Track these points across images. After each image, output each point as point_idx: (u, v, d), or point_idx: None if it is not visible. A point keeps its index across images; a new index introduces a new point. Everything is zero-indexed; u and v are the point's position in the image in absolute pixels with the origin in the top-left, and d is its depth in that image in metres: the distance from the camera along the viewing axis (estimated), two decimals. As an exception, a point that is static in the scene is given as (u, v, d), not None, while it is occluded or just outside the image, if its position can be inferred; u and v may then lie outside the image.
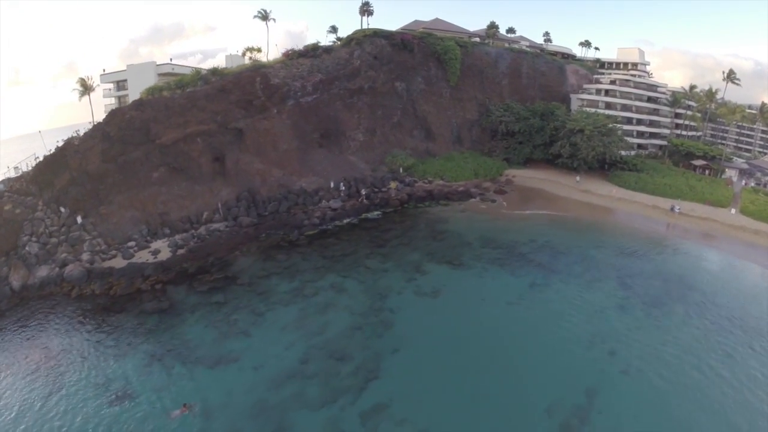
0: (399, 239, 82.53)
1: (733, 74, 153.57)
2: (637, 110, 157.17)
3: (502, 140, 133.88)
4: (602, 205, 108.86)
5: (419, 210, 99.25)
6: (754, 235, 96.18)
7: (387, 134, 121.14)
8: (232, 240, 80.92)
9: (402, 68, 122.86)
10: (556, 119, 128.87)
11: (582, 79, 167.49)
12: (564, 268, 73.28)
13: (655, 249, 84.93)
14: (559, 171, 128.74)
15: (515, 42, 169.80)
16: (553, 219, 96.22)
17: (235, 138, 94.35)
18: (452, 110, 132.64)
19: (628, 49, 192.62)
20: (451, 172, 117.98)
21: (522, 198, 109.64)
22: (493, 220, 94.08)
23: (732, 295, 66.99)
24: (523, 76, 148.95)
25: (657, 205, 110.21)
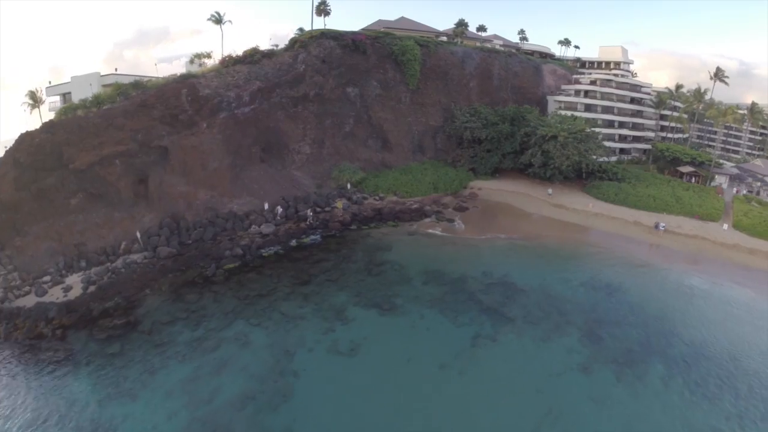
0: (328, 274, 69.88)
1: (721, 72, 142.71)
2: (619, 112, 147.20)
3: (468, 148, 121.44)
4: (576, 223, 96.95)
5: (362, 233, 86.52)
6: (749, 255, 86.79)
7: (338, 145, 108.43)
8: (146, 275, 69.54)
9: (354, 72, 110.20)
10: (527, 124, 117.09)
11: (560, 80, 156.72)
12: (519, 313, 60.89)
13: (634, 280, 73.04)
14: (531, 182, 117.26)
15: (487, 41, 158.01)
16: (516, 243, 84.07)
17: (159, 158, 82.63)
18: (412, 116, 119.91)
19: (610, 48, 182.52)
20: (406, 186, 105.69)
21: (484, 216, 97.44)
22: (445, 246, 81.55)
23: (723, 343, 57.32)
24: (494, 77, 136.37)
25: (640, 221, 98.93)
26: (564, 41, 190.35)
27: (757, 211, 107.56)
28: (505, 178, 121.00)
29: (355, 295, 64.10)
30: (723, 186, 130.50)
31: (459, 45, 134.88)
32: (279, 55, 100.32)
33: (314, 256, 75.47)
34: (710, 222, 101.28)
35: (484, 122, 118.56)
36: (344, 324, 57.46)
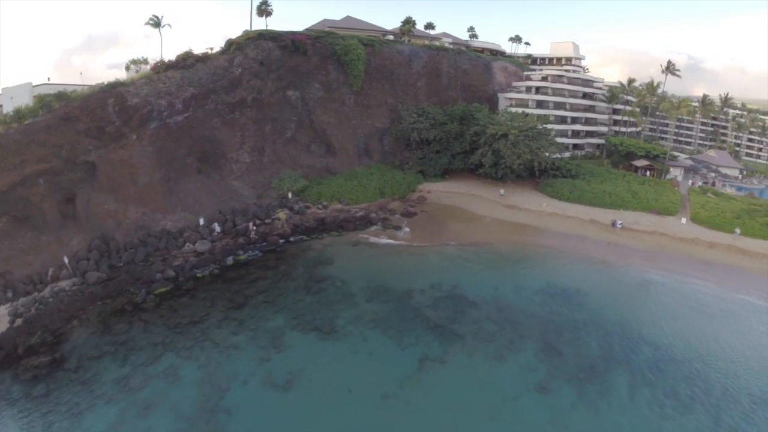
0: (265, 294, 63.41)
1: (672, 65, 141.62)
2: (571, 108, 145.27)
3: (416, 150, 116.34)
4: (530, 225, 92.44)
5: (303, 246, 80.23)
6: (709, 249, 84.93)
7: (279, 152, 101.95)
8: (74, 304, 62.04)
9: (294, 74, 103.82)
10: (477, 123, 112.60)
11: (511, 77, 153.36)
12: (470, 329, 55.60)
13: (592, 283, 69.06)
14: (482, 182, 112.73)
15: (436, 39, 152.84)
16: (466, 250, 78.70)
17: (86, 174, 75.08)
18: (357, 119, 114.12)
19: (561, 44, 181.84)
20: (351, 192, 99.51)
21: (433, 221, 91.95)
22: (390, 256, 75.84)
23: (691, 343, 55.01)
24: (442, 75, 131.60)
25: (596, 219, 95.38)
26: (515, 38, 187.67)
27: (714, 203, 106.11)
28: (456, 180, 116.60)
29: (293, 317, 57.95)
30: (678, 178, 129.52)
31: (406, 44, 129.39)
32: (214, 59, 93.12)
33: (251, 275, 68.93)
34: (668, 216, 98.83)
35: (432, 122, 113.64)
36: (281, 352, 51.51)
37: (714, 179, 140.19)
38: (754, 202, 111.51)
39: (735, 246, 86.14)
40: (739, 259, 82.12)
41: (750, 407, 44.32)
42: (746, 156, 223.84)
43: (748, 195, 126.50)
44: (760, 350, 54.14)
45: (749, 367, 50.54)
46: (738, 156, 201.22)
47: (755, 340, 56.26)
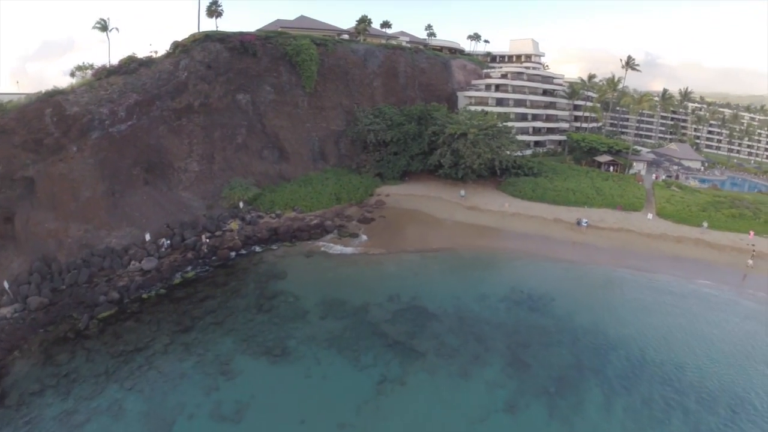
0: (213, 315, 57.93)
1: (632, 60, 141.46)
2: (531, 105, 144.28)
3: (373, 152, 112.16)
4: (492, 226, 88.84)
5: (255, 259, 74.89)
6: (677, 244, 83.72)
7: (229, 159, 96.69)
8: (16, 333, 55.94)
9: (244, 77, 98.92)
10: (435, 123, 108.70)
11: (470, 75, 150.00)
12: (431, 345, 51.34)
13: (559, 287, 65.72)
14: (442, 183, 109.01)
15: (393, 38, 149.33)
16: (427, 256, 74.48)
17: (25, 191, 68.93)
18: (311, 122, 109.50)
19: (521, 41, 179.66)
20: (306, 199, 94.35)
21: (392, 226, 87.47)
22: (346, 266, 71.00)
23: (665, 348, 52.32)
24: (399, 75, 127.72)
25: (560, 218, 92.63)
26: (474, 36, 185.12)
27: (679, 196, 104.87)
28: (415, 182, 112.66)
29: (243, 339, 52.86)
30: (642, 173, 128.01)
31: (361, 43, 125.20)
32: (158, 63, 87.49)
33: (199, 293, 63.26)
34: (634, 212, 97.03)
35: (389, 123, 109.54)
36: (230, 380, 46.64)
37: (677, 172, 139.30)
38: (718, 194, 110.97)
39: (703, 240, 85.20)
40: (708, 252, 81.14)
41: (729, 411, 42.62)
42: (706, 148, 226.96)
43: (711, 187, 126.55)
44: (734, 346, 52.77)
45: (724, 366, 49.12)
46: (699, 148, 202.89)
47: (728, 336, 54.88)
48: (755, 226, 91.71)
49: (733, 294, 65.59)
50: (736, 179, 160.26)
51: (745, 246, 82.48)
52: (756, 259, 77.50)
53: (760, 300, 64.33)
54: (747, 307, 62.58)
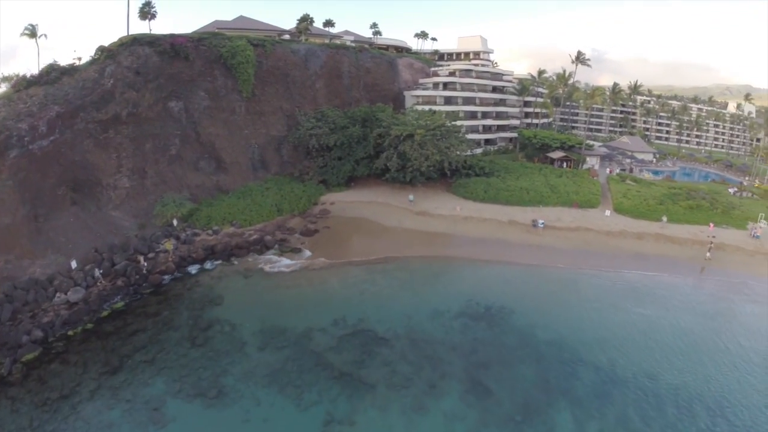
0: (144, 351, 50.82)
1: (582, 55, 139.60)
2: (481, 102, 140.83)
3: (317, 158, 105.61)
4: (444, 232, 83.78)
5: (190, 282, 67.27)
6: (637, 240, 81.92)
7: (163, 173, 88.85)
8: None
9: (176, 82, 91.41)
10: (380, 124, 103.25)
11: (417, 74, 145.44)
12: (382, 375, 45.76)
13: (518, 297, 61.67)
14: (390, 187, 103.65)
15: (337, 37, 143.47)
16: (374, 270, 68.82)
17: None
18: (250, 128, 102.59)
19: (469, 38, 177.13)
20: (244, 213, 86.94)
21: (337, 238, 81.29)
22: (287, 287, 64.29)
23: (635, 357, 49.65)
24: (343, 75, 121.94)
25: (515, 219, 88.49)
26: (421, 34, 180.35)
27: (635, 190, 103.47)
28: (361, 187, 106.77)
29: (176, 380, 46.19)
30: (596, 167, 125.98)
31: (303, 43, 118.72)
32: (82, 71, 79.37)
33: (129, 327, 55.70)
34: (590, 209, 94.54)
35: (332, 127, 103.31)
36: (161, 428, 40.47)
37: (630, 165, 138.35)
38: (673, 186, 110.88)
39: (663, 234, 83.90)
40: (669, 248, 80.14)
41: (708, 423, 40.14)
42: (656, 140, 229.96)
43: (665, 178, 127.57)
44: (704, 350, 51.11)
45: (697, 373, 46.93)
46: (649, 140, 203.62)
47: (698, 339, 53.18)
48: (713, 217, 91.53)
49: (693, 291, 65.33)
50: (688, 169, 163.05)
51: (705, 239, 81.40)
52: (714, 251, 76.98)
53: (720, 296, 64.46)
54: (707, 305, 62.11)
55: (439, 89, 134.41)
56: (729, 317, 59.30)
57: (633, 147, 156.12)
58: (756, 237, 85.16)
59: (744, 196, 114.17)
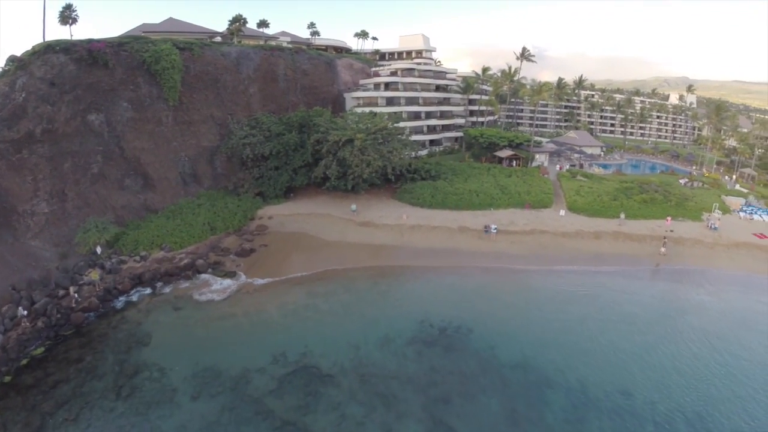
0: (66, 408, 42.60)
1: (527, 52, 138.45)
2: (425, 102, 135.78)
3: (252, 169, 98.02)
4: (390, 244, 77.59)
5: (115, 319, 58.45)
6: (596, 240, 79.23)
7: (85, 194, 79.73)
8: None
9: (96, 93, 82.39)
10: (318, 130, 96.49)
11: (358, 74, 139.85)
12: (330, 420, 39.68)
13: (474, 313, 56.60)
14: (331, 197, 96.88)
15: (273, 38, 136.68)
16: (315, 293, 62.08)
17: None
18: (179, 140, 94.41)
19: (410, 37, 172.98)
20: (174, 234, 79.07)
21: (276, 258, 73.75)
22: (222, 318, 56.90)
23: (606, 373, 46.19)
24: (279, 78, 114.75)
25: (466, 225, 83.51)
26: (361, 33, 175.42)
27: (588, 186, 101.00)
28: (301, 198, 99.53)
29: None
30: (545, 164, 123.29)
31: (235, 45, 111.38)
32: None
33: (50, 377, 47.36)
34: (544, 209, 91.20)
35: (267, 134, 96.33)
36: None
37: (580, 160, 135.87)
38: (624, 179, 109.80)
39: (622, 232, 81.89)
40: (629, 246, 78.41)
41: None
42: (601, 133, 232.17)
43: (615, 172, 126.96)
44: (675, 356, 48.82)
45: (672, 383, 44.35)
46: (594, 134, 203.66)
47: (667, 345, 50.91)
48: (669, 210, 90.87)
49: (655, 292, 64.36)
50: (635, 161, 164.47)
51: (664, 233, 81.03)
52: (674, 246, 77.11)
53: (685, 295, 63.71)
54: (672, 305, 60.87)
55: (380, 90, 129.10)
56: (696, 316, 57.76)
57: (580, 141, 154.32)
58: (714, 228, 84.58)
59: (695, 186, 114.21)
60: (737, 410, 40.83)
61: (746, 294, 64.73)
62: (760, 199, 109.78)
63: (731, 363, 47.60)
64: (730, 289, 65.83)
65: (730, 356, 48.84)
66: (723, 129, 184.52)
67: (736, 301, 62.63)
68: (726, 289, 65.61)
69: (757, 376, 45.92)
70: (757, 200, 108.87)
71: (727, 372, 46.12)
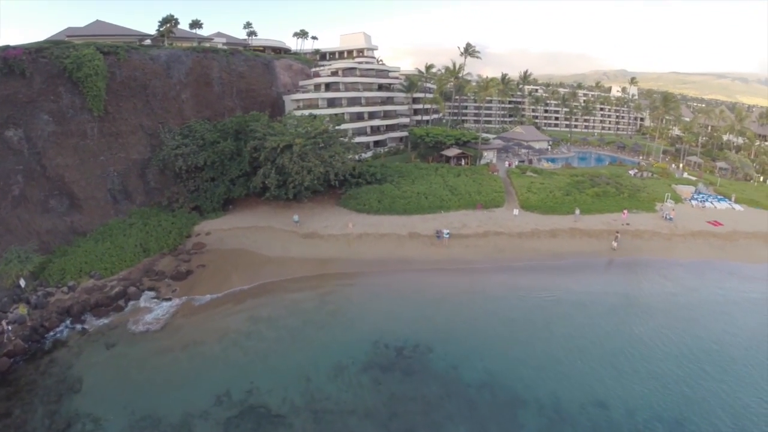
0: None
1: (471, 48, 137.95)
2: (367, 102, 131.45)
3: (187, 181, 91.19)
4: (337, 257, 71.98)
5: (43, 363, 50.61)
6: (552, 239, 77.61)
7: (6, 219, 71.80)
8: None
9: (13, 106, 74.63)
10: (255, 136, 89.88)
11: (298, 76, 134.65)
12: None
13: (432, 330, 52.69)
14: (273, 207, 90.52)
15: (207, 40, 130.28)
16: (258, 318, 56.02)
17: None
18: (106, 154, 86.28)
19: (351, 35, 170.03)
20: (104, 259, 70.85)
21: (213, 279, 66.61)
22: (158, 355, 49.91)
23: (575, 387, 43.09)
24: (213, 82, 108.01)
25: (416, 231, 79.47)
26: (300, 33, 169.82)
27: (539, 182, 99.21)
28: (241, 210, 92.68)
29: None
30: (494, 161, 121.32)
31: (165, 47, 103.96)
32: None
33: None
34: (496, 209, 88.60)
35: (200, 143, 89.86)
36: None
37: (528, 155, 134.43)
38: (574, 173, 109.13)
39: (578, 229, 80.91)
40: (586, 242, 76.97)
41: None
42: (545, 127, 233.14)
43: (565, 166, 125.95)
44: (649, 358, 46.93)
45: (648, 388, 42.42)
46: (539, 128, 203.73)
47: (641, 349, 48.68)
48: (622, 202, 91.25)
49: (616, 288, 63.32)
50: (583, 153, 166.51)
51: (621, 227, 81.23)
52: (627, 240, 77.03)
53: (644, 291, 62.76)
54: (636, 303, 59.73)
55: (321, 91, 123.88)
56: (663, 312, 56.71)
57: (528, 136, 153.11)
58: (669, 219, 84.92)
59: (645, 177, 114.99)
60: (715, 409, 39.71)
61: (708, 283, 65.63)
62: (708, 186, 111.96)
63: (704, 359, 46.81)
64: (692, 280, 66.12)
65: (702, 352, 47.93)
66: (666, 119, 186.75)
67: (701, 292, 62.59)
68: (689, 281, 65.73)
69: (730, 369, 45.28)
70: (706, 187, 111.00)
71: (700, 369, 45.16)
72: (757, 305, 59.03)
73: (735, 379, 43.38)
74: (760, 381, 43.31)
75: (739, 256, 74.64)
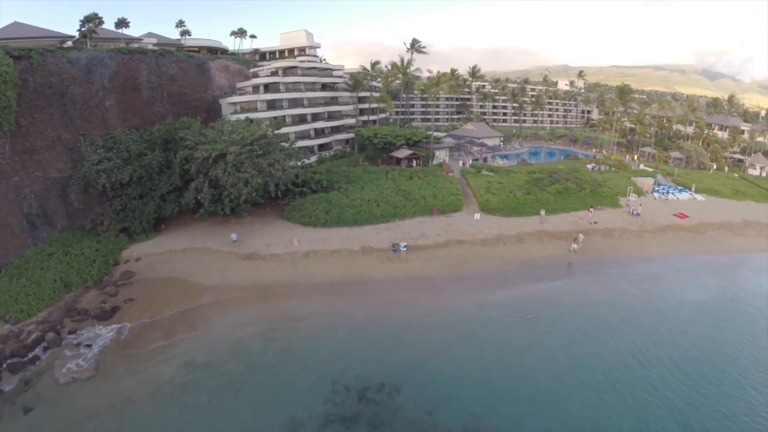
0: None
1: (417, 43, 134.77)
2: (310, 103, 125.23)
3: (113, 200, 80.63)
4: (281, 281, 63.16)
5: None
6: (519, 244, 73.47)
7: None
8: None
9: None
10: (185, 145, 79.91)
11: (235, 77, 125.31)
12: None
13: (395, 363, 46.06)
14: (209, 224, 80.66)
15: (136, 41, 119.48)
16: (195, 366, 46.61)
17: None
18: (21, 173, 74.63)
19: (293, 33, 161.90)
20: (20, 300, 59.12)
21: (144, 315, 56.99)
22: (83, 420, 39.83)
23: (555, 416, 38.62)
24: (141, 87, 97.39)
25: (369, 244, 72.54)
26: (238, 32, 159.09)
27: (497, 181, 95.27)
28: (174, 229, 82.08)
29: None
30: (447, 161, 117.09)
31: (87, 49, 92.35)
32: None
33: None
34: (455, 214, 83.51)
35: (125, 156, 79.56)
36: None
37: (482, 153, 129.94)
38: (531, 170, 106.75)
39: (545, 231, 77.79)
40: (555, 245, 73.67)
41: None
42: (494, 122, 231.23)
43: (520, 162, 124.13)
44: (645, 381, 42.93)
45: (652, 417, 38.40)
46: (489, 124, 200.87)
47: (639, 372, 44.26)
48: (585, 198, 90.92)
49: (594, 296, 59.51)
50: (535, 148, 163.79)
51: (588, 226, 79.98)
52: (596, 239, 75.72)
53: (626, 296, 59.85)
54: (617, 311, 56.28)
55: (260, 93, 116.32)
56: (650, 319, 54.17)
57: (479, 133, 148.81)
58: (636, 215, 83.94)
59: (603, 170, 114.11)
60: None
61: (686, 280, 65.53)
62: (666, 177, 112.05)
63: (699, 370, 44.73)
64: (671, 280, 65.44)
65: (696, 362, 45.88)
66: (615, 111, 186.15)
67: (684, 293, 61.48)
68: (668, 280, 65.23)
69: (727, 379, 43.57)
70: (665, 178, 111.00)
71: (697, 379, 43.17)
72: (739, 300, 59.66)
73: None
74: None
75: (710, 248, 75.11)
